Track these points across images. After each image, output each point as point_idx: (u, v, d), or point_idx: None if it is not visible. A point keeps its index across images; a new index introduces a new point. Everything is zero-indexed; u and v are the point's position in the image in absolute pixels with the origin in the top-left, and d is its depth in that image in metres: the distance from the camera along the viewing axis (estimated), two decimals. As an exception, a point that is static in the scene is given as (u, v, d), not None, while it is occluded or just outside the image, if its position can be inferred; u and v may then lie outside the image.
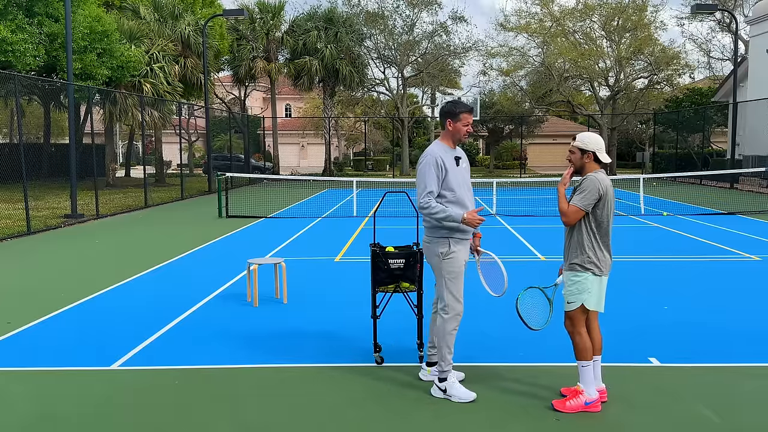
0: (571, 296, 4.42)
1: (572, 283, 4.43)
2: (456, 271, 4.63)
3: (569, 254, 4.47)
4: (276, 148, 38.21)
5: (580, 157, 4.43)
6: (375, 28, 39.35)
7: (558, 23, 38.53)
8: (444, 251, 4.62)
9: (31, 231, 13.56)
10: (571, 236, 4.49)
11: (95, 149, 19.01)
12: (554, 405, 4.45)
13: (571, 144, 4.51)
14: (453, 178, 4.60)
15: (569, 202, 4.41)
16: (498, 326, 6.48)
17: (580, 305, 4.39)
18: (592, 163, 4.43)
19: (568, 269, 4.46)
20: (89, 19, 21.33)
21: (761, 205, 18.35)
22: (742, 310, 7.01)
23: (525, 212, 16.70)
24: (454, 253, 4.62)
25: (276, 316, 6.91)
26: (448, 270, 4.63)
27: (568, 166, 4.53)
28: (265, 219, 15.95)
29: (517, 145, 44.82)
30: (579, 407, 4.38)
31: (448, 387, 4.64)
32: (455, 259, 4.62)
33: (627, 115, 39.73)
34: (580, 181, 4.43)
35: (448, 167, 4.60)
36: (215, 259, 10.44)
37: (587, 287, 4.37)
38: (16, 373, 5.34)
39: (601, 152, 4.40)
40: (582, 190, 4.35)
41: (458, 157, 4.73)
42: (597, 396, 4.43)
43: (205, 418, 4.40)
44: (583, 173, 4.46)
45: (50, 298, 7.75)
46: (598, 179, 4.35)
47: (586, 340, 4.41)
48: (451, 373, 4.68)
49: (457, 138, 4.72)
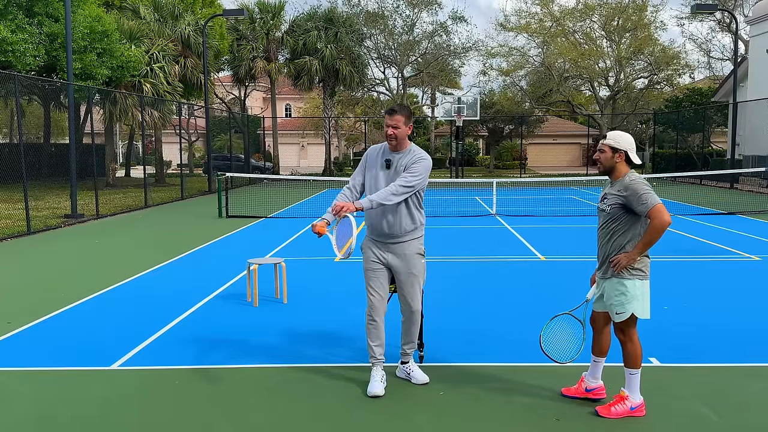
0: (621, 306, 4.19)
1: (620, 293, 4.19)
2: (364, 267, 4.85)
3: (610, 260, 4.26)
4: (276, 148, 38.20)
5: (611, 157, 4.20)
6: (375, 28, 39.36)
7: (558, 23, 38.54)
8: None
9: (31, 231, 13.56)
10: (612, 242, 4.24)
11: (95, 149, 19.00)
12: (598, 411, 4.32)
13: (601, 142, 4.29)
14: (369, 176, 4.80)
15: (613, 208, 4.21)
16: (498, 326, 6.48)
17: (631, 314, 4.19)
18: (623, 164, 4.21)
19: (613, 276, 4.22)
20: (89, 19, 21.32)
21: (761, 205, 18.35)
22: (742, 310, 7.01)
23: (525, 212, 16.70)
24: (364, 250, 4.88)
25: (276, 316, 6.91)
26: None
27: (598, 165, 4.29)
28: (265, 219, 15.95)
29: (517, 145, 44.80)
30: (624, 413, 4.28)
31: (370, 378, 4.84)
32: (364, 255, 4.87)
33: (627, 115, 39.73)
34: (626, 189, 4.13)
35: (369, 165, 4.82)
36: (215, 259, 10.44)
37: (636, 295, 4.16)
38: (16, 373, 5.34)
39: (633, 152, 4.20)
40: (642, 192, 4.06)
41: (388, 159, 4.74)
42: (641, 401, 4.31)
43: (205, 418, 4.40)
44: (613, 174, 4.24)
45: (50, 298, 7.75)
46: (640, 179, 4.14)
47: (639, 347, 4.25)
48: (374, 366, 4.83)
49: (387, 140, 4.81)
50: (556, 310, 4.64)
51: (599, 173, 4.37)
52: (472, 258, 10.37)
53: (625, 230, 4.20)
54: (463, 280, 8.68)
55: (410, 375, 4.98)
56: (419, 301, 4.84)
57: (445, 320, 6.57)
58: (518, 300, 7.53)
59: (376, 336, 4.79)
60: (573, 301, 4.51)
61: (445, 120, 35.36)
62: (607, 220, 4.29)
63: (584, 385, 4.59)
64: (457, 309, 7.11)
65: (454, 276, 8.85)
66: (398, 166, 4.68)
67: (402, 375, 5.03)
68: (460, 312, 7.00)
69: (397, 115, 4.66)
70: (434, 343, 5.71)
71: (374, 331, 4.78)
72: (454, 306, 7.19)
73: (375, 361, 4.82)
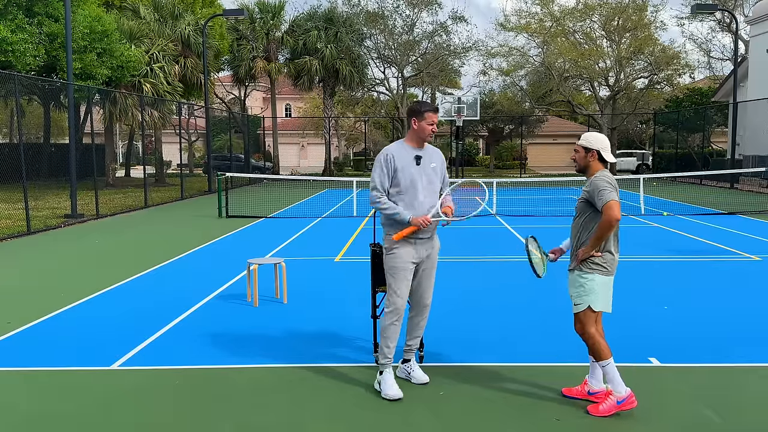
0: (578, 298, 4.36)
1: (578, 285, 4.37)
2: (396, 267, 4.70)
3: (576, 253, 4.43)
4: (276, 148, 38.20)
5: (585, 156, 4.44)
6: (375, 28, 39.33)
7: (558, 23, 38.53)
8: (387, 246, 4.75)
9: (31, 231, 13.56)
10: (578, 235, 4.44)
11: (95, 149, 19.00)
12: (589, 411, 4.37)
13: (576, 143, 4.53)
14: (403, 176, 4.66)
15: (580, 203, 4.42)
16: (498, 326, 6.48)
17: (587, 306, 4.34)
18: (597, 162, 4.43)
19: (575, 269, 4.40)
20: (89, 18, 21.33)
21: (761, 205, 18.35)
22: (742, 310, 7.01)
23: (525, 212, 16.69)
24: (396, 249, 4.70)
25: (276, 316, 6.91)
26: (389, 265, 4.74)
27: (573, 165, 4.55)
28: (265, 219, 15.95)
29: (517, 145, 44.82)
30: (612, 408, 4.31)
31: (381, 381, 4.73)
32: (396, 256, 4.70)
33: (627, 115, 39.74)
34: (590, 184, 4.36)
35: (399, 165, 4.66)
36: (215, 259, 10.44)
37: (594, 288, 4.32)
38: (16, 373, 5.33)
39: (606, 151, 4.41)
40: (600, 189, 4.25)
41: (419, 156, 4.73)
42: (628, 392, 4.33)
43: (205, 418, 4.40)
44: (588, 173, 4.45)
45: (50, 298, 7.75)
46: (605, 176, 4.34)
47: (599, 339, 4.33)
48: (387, 367, 4.74)
49: (420, 137, 4.74)
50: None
51: (576, 171, 4.57)
52: (472, 258, 10.36)
53: (590, 226, 4.37)
54: (463, 280, 8.67)
55: (410, 375, 4.98)
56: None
57: (445, 320, 6.57)
58: (518, 300, 7.52)
59: (395, 338, 4.79)
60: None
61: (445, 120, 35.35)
62: (576, 215, 4.51)
63: (587, 389, 4.60)
64: (457, 309, 7.10)
65: (454, 276, 8.84)
66: (425, 161, 4.77)
67: (402, 375, 5.03)
68: (460, 312, 6.99)
69: (437, 113, 4.80)
70: (434, 343, 5.71)
71: (395, 332, 4.77)
72: (454, 306, 7.19)
73: (388, 361, 4.77)
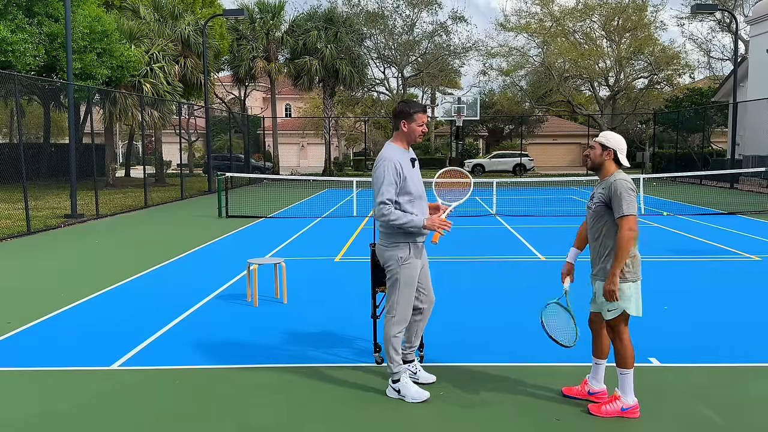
0: (611, 305, 4.22)
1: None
2: (413, 276, 4.59)
3: (600, 261, 4.29)
4: (276, 148, 38.20)
5: (600, 154, 4.31)
6: (375, 28, 39.39)
7: (558, 23, 38.56)
8: (403, 256, 4.56)
9: (31, 231, 13.56)
10: (600, 242, 4.29)
11: (95, 149, 18.99)
12: (590, 409, 4.36)
13: (593, 140, 4.43)
14: (411, 182, 4.55)
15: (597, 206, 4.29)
16: (498, 326, 6.48)
17: (621, 312, 4.24)
18: (611, 162, 4.31)
19: (604, 278, 4.25)
20: (89, 18, 21.33)
21: (761, 205, 18.35)
22: (742, 310, 7.00)
23: (525, 212, 16.70)
24: (412, 258, 4.57)
25: (276, 316, 6.91)
26: (407, 275, 4.57)
27: (587, 162, 4.40)
28: (265, 219, 15.95)
29: (517, 145, 44.82)
30: (615, 412, 4.29)
31: (401, 388, 4.65)
32: (412, 266, 4.58)
33: (627, 115, 39.76)
34: (610, 187, 4.21)
35: (406, 172, 4.53)
36: (215, 259, 10.43)
37: (627, 295, 4.19)
38: (16, 373, 5.33)
39: (622, 153, 4.30)
40: (624, 196, 4.12)
41: (413, 158, 4.70)
42: (635, 403, 4.30)
43: (205, 419, 4.40)
44: (601, 172, 4.33)
45: (50, 298, 7.75)
46: (627, 181, 4.21)
47: (629, 347, 4.25)
48: (403, 373, 4.67)
49: (411, 139, 4.65)
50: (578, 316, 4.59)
51: (587, 169, 4.46)
52: (471, 258, 10.36)
53: (610, 231, 4.24)
54: (463, 280, 8.68)
55: (416, 375, 4.93)
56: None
57: (445, 320, 6.57)
58: (518, 300, 7.53)
59: (400, 345, 4.71)
60: (573, 301, 4.51)
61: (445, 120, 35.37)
62: (594, 220, 4.35)
63: (587, 388, 4.59)
64: (457, 309, 7.10)
65: (454, 276, 8.84)
66: (416, 163, 4.74)
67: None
68: (460, 312, 6.99)
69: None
70: (434, 343, 5.71)
71: (400, 341, 4.68)
72: (454, 306, 7.19)
73: (402, 368, 4.68)
